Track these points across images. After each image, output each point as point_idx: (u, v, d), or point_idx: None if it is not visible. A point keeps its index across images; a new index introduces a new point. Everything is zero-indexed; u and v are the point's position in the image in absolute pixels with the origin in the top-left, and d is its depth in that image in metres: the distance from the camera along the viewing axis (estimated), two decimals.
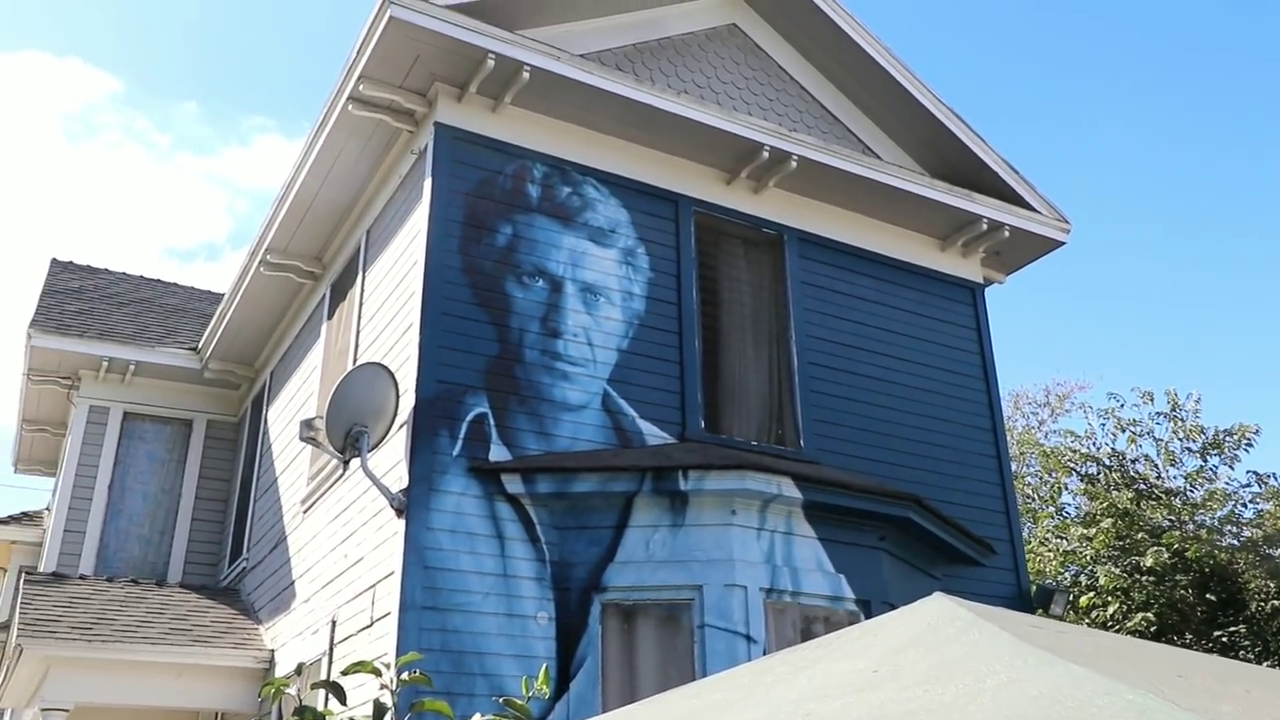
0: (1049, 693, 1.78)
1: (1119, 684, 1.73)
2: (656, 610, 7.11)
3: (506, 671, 6.57)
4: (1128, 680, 1.74)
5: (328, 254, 10.04)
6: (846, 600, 7.47)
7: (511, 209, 7.96)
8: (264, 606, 9.92)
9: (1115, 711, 1.61)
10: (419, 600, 6.53)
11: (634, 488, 7.15)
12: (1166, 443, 17.72)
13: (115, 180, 47.54)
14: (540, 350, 7.66)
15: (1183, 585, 16.30)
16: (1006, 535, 9.34)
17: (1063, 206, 10.20)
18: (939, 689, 2.11)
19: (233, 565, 11.32)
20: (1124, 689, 1.68)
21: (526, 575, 6.96)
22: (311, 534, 8.85)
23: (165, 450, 12.28)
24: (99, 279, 14.04)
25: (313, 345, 10.09)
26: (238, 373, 12.22)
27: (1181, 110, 39.59)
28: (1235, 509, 16.99)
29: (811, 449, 8.53)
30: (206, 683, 8.93)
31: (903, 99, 9.87)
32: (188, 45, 43.62)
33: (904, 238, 9.86)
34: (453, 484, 6.96)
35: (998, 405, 9.90)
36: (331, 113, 8.30)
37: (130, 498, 11.92)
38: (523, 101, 8.13)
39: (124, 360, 11.80)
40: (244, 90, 47.84)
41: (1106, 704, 1.65)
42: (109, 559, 11.51)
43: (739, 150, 8.76)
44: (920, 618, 3.04)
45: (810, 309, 9.06)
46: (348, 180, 8.95)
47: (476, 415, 7.25)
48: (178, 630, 9.19)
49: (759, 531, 7.26)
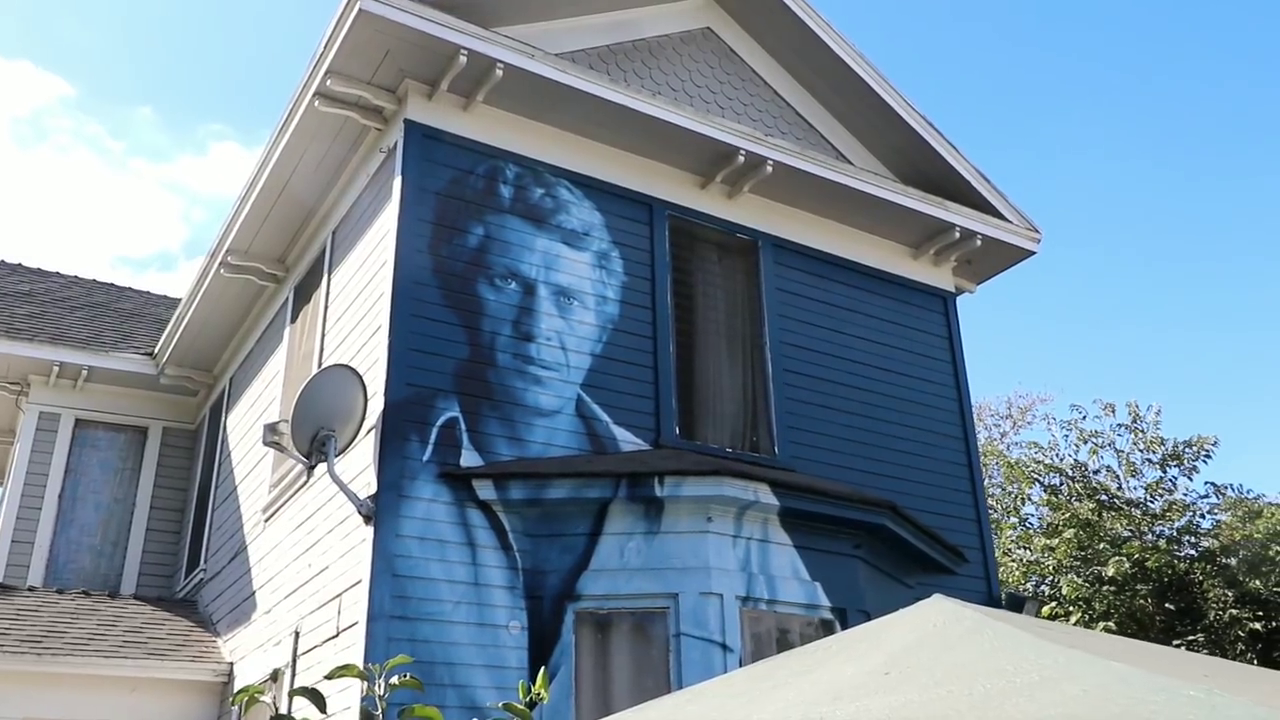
0: (1094, 690, 1.67)
1: (1174, 680, 1.62)
2: (631, 619, 6.95)
3: (478, 682, 6.38)
4: (1175, 678, 1.63)
5: (291, 255, 9.81)
6: (822, 608, 7.36)
7: (483, 210, 7.80)
8: (223, 618, 9.64)
9: (1179, 708, 1.50)
10: (388, 609, 6.33)
11: (608, 494, 7.00)
12: (1128, 454, 17.88)
13: (66, 186, 46.68)
14: (512, 354, 7.50)
15: (1142, 595, 16.42)
16: (978, 543, 9.29)
17: (1033, 216, 10.22)
18: (965, 688, 2.00)
19: (189, 576, 11.01)
20: (1182, 685, 1.57)
21: (498, 584, 6.78)
22: (273, 543, 8.60)
23: (119, 458, 11.94)
24: (50, 282, 13.67)
25: (275, 350, 9.85)
26: (195, 378, 11.92)
27: (1147, 137, 40.18)
28: (1194, 520, 17.17)
29: (786, 456, 8.42)
30: (162, 697, 8.63)
31: (876, 105, 9.83)
32: (144, 50, 43.03)
33: (877, 245, 9.81)
34: (423, 490, 6.78)
35: (969, 413, 9.87)
36: (297, 109, 8.10)
37: (82, 507, 11.57)
38: (495, 100, 7.98)
39: (76, 365, 11.45)
40: (201, 97, 47.22)
41: (1165, 701, 1.53)
42: (59, 570, 11.15)
43: (714, 154, 8.67)
44: (924, 619, 2.92)
45: (784, 315, 8.97)
46: (313, 179, 8.74)
47: (447, 420, 7.07)
48: (132, 643, 8.89)
49: (735, 539, 7.13)
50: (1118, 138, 40.44)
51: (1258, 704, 1.47)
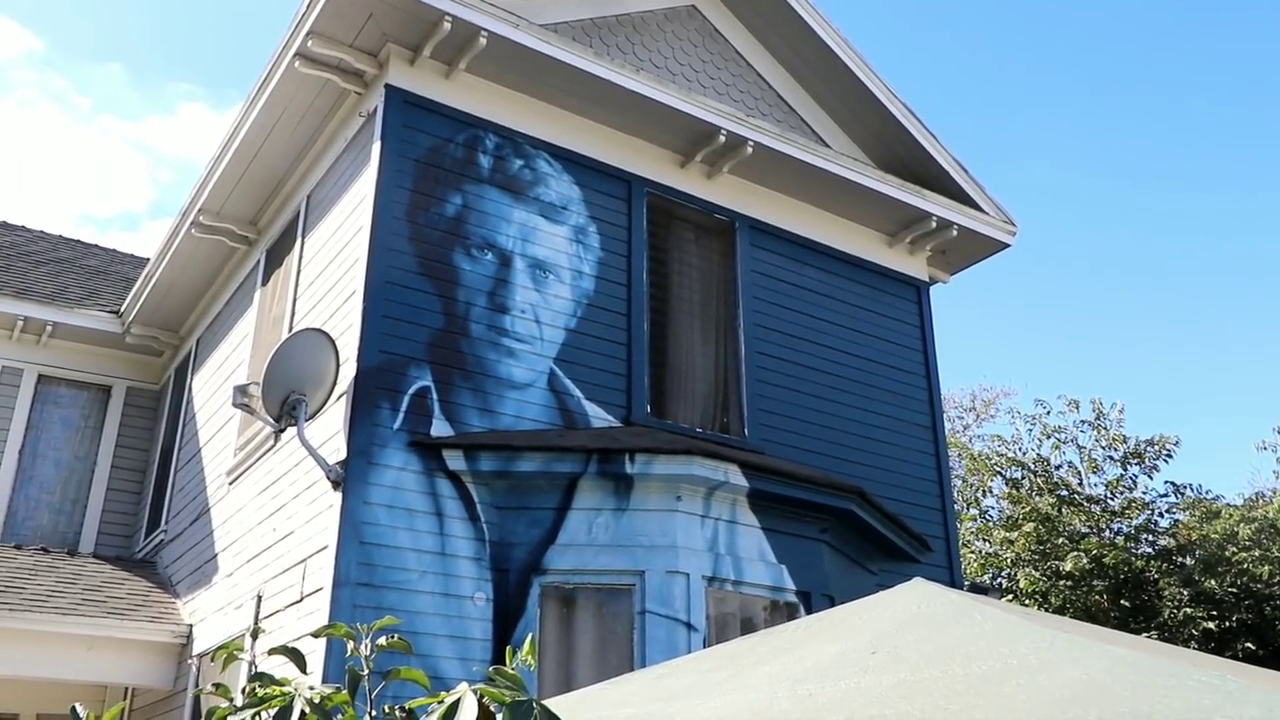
0: (1097, 675, 1.66)
1: (1182, 665, 1.62)
2: (597, 595, 6.95)
3: (441, 652, 6.36)
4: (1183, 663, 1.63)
5: (264, 218, 9.69)
6: (787, 591, 7.39)
7: (461, 179, 7.73)
8: (183, 580, 9.55)
9: (1191, 693, 1.49)
10: (353, 576, 6.29)
11: (578, 469, 6.98)
12: (1089, 450, 18.04)
13: (30, 141, 45.84)
14: (487, 325, 7.45)
15: (1098, 590, 16.62)
16: (943, 533, 9.36)
17: (1010, 209, 10.26)
18: (960, 669, 1.99)
19: (150, 537, 10.89)
20: (1192, 670, 1.57)
21: (465, 554, 6.75)
22: (237, 506, 8.52)
23: (81, 416, 11.78)
24: (15, 236, 13.44)
25: (244, 312, 9.73)
26: (161, 338, 11.76)
27: (1119, 150, 40.49)
28: (1152, 518, 17.38)
29: (755, 438, 8.43)
30: (119, 656, 8.54)
31: (858, 91, 9.82)
32: (114, 6, 42.24)
33: (853, 231, 9.82)
34: (392, 458, 6.73)
35: (938, 403, 9.92)
36: (277, 69, 7.97)
37: (42, 464, 11.41)
38: (478, 69, 7.90)
39: (40, 320, 11.27)
40: (171, 56, 46.48)
41: (1176, 685, 1.53)
42: (17, 527, 11.00)
43: (695, 133, 8.63)
44: (907, 601, 2.93)
45: (759, 298, 8.96)
46: (290, 140, 8.62)
47: (419, 389, 7.02)
48: (90, 601, 8.79)
49: (703, 519, 7.13)
50: (1092, 141, 40.75)
51: (1271, 690, 1.47)
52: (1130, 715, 1.45)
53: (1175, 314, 41.14)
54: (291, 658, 2.36)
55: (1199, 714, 1.38)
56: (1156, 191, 41.57)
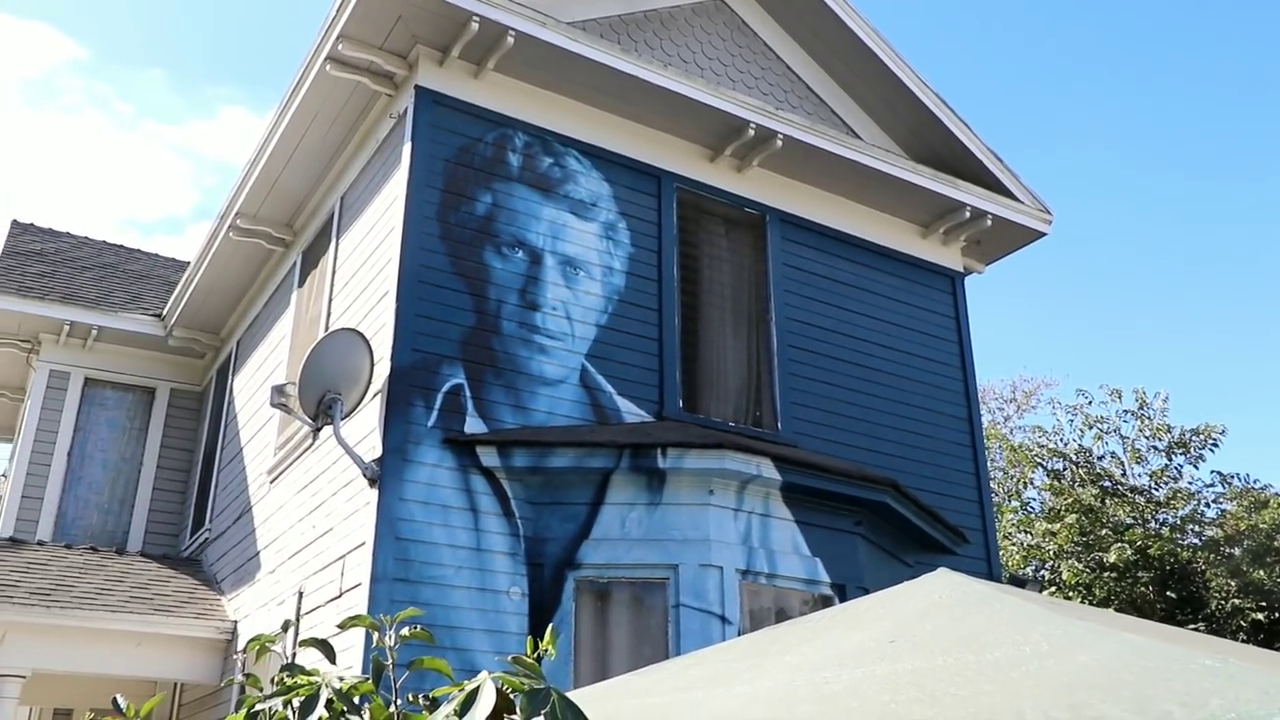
0: (1106, 659, 1.67)
1: (1189, 650, 1.63)
2: (631, 589, 6.99)
3: (477, 646, 6.43)
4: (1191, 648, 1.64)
5: (299, 220, 9.82)
6: (822, 584, 7.39)
7: (492, 177, 7.80)
8: (227, 577, 9.71)
9: (1195, 677, 1.50)
10: (390, 572, 6.38)
11: (611, 464, 7.02)
12: (1133, 441, 17.84)
13: (75, 148, 46.65)
14: (518, 322, 7.51)
15: (1144, 582, 16.44)
16: (980, 524, 9.31)
17: (1045, 197, 10.18)
18: (973, 656, 2.01)
19: (194, 535, 11.09)
20: (1198, 655, 1.58)
21: (500, 550, 6.82)
22: (278, 504, 8.65)
23: (126, 418, 12.00)
24: (61, 242, 13.69)
25: (282, 313, 9.87)
26: (203, 341, 11.96)
27: (1157, 135, 39.96)
28: (1198, 508, 17.16)
29: (789, 432, 8.44)
30: (167, 652, 8.71)
31: (889, 81, 9.78)
32: (155, 13, 42.85)
33: (885, 223, 9.78)
34: (427, 455, 6.81)
35: (974, 394, 9.86)
36: (308, 73, 8.08)
37: (90, 465, 11.65)
38: (506, 68, 7.96)
39: (86, 325, 11.50)
40: (212, 61, 47.10)
41: (1180, 670, 1.54)
42: (67, 527, 11.24)
43: (724, 127, 8.64)
44: (930, 591, 2.94)
45: (790, 291, 8.96)
46: (323, 143, 8.73)
47: (452, 386, 7.09)
48: (138, 599, 8.97)
49: (736, 512, 7.16)
50: (1130, 126, 40.23)
51: (1275, 673, 1.48)
52: (1132, 698, 1.46)
53: (1220, 300, 40.53)
54: (321, 649, 2.42)
55: (1198, 696, 1.39)
56: (1198, 175, 40.98)
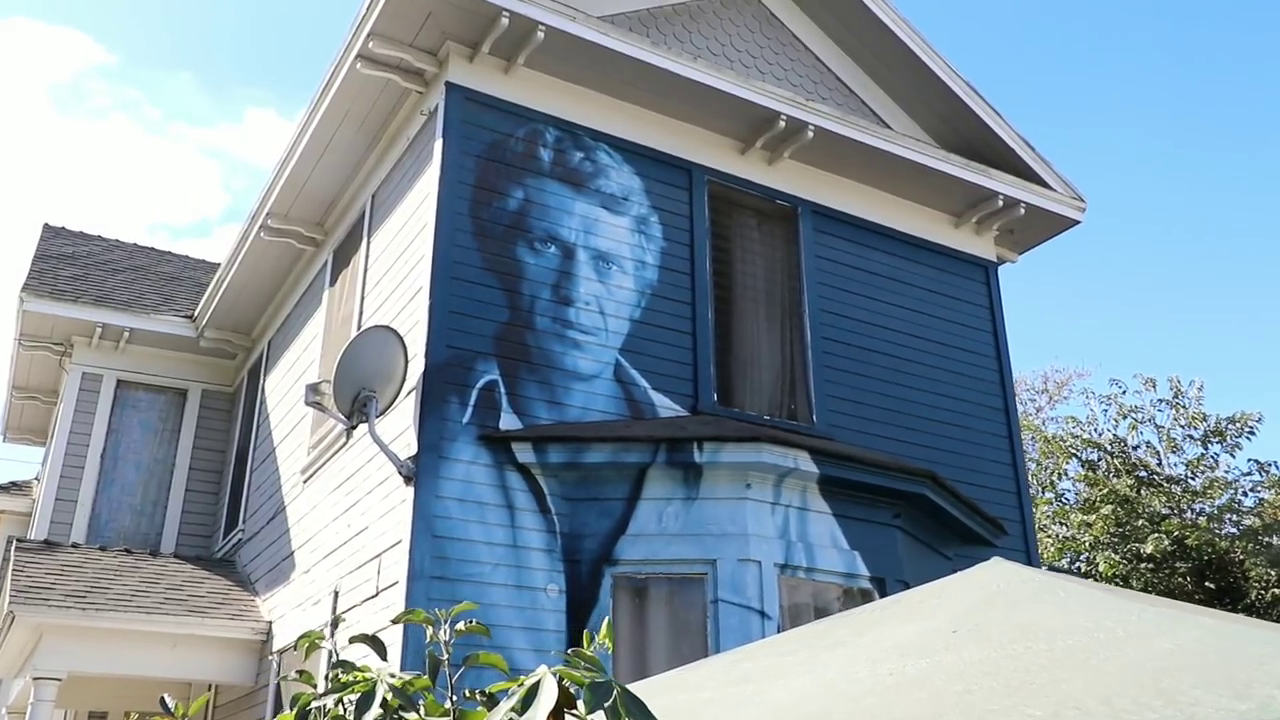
0: (1188, 644, 1.62)
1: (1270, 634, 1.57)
2: (669, 584, 6.95)
3: (516, 644, 6.40)
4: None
5: (330, 219, 9.82)
6: (861, 578, 7.32)
7: (523, 173, 7.77)
8: (261, 578, 9.73)
9: None
10: (427, 570, 6.36)
11: (647, 459, 6.98)
12: (1168, 430, 17.64)
13: (104, 151, 47.03)
14: (551, 318, 7.48)
15: (1181, 573, 16.25)
16: (1018, 516, 9.21)
17: (1079, 185, 10.05)
18: (1044, 644, 1.95)
19: (228, 536, 11.12)
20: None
21: (536, 546, 6.79)
22: (312, 504, 8.65)
23: (159, 419, 12.06)
24: (93, 245, 13.77)
25: (314, 313, 9.87)
26: (234, 341, 12.00)
27: (1193, 113, 39.52)
28: (1236, 497, 16.94)
29: (824, 424, 8.37)
30: (202, 653, 8.74)
31: (919, 70, 9.68)
32: (183, 17, 43.12)
33: (918, 213, 9.69)
34: (462, 452, 6.78)
35: (1010, 385, 9.75)
36: (339, 72, 8.07)
37: (123, 467, 11.70)
38: (536, 63, 7.93)
39: (118, 327, 11.57)
40: (240, 63, 47.35)
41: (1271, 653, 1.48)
42: (100, 529, 11.30)
43: (754, 119, 8.57)
44: (985, 581, 2.88)
45: (823, 283, 8.89)
46: (354, 141, 8.72)
47: (487, 383, 7.07)
48: (173, 600, 9.00)
49: (774, 506, 7.10)
50: (1163, 103, 39.78)
51: None
52: (1225, 682, 1.40)
53: (1256, 285, 40.01)
54: (373, 646, 2.38)
55: None
56: (1233, 156, 40.44)
